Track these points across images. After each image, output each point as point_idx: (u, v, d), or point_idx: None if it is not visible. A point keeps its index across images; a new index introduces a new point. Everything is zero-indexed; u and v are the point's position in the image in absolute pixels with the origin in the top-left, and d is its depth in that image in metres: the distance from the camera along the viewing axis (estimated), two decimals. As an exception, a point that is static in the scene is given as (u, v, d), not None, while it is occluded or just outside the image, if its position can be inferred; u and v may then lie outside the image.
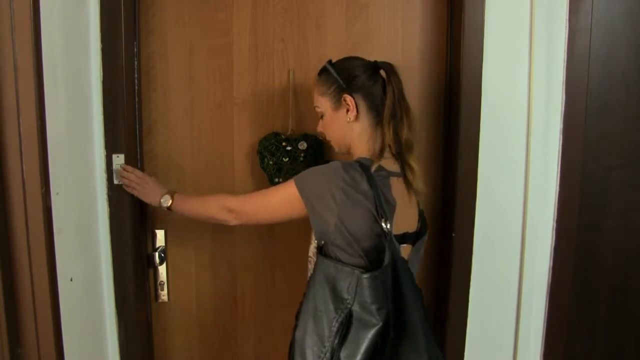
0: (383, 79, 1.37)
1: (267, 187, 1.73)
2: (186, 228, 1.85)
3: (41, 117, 1.36)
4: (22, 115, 1.33)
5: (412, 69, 1.77)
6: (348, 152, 1.43)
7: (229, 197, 1.43)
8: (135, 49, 1.75)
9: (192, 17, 1.77)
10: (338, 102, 1.36)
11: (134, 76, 1.75)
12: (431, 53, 1.77)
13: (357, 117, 1.35)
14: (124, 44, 1.67)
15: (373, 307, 1.18)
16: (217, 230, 1.82)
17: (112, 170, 1.70)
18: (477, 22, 1.63)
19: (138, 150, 1.78)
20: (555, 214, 1.70)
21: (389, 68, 1.35)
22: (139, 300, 1.83)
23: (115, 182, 1.70)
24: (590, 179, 1.69)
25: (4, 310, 1.35)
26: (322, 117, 1.41)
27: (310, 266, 1.39)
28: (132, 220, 1.76)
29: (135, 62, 1.75)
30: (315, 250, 1.35)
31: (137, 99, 1.76)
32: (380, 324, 1.17)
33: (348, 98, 1.34)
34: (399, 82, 1.34)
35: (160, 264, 1.85)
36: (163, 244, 1.85)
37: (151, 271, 1.87)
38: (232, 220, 1.39)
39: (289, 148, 1.67)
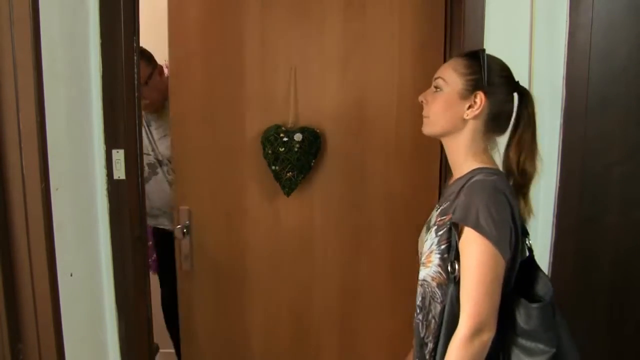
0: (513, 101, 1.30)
1: (268, 171, 1.84)
2: (207, 207, 1.95)
3: (41, 112, 1.36)
4: (21, 111, 1.33)
5: (412, 62, 1.81)
6: (441, 138, 1.33)
7: (458, 329, 1.15)
8: (135, 44, 1.75)
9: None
10: (469, 93, 1.24)
11: (133, 71, 1.74)
12: (430, 47, 1.79)
13: (474, 118, 1.25)
14: (123, 39, 1.67)
15: (545, 337, 1.15)
16: (233, 212, 1.95)
17: (111, 165, 1.70)
18: (477, 16, 1.62)
19: (138, 145, 1.78)
20: (555, 210, 1.70)
21: (528, 95, 1.27)
22: (139, 295, 1.83)
23: (115, 177, 1.71)
24: (590, 174, 1.68)
25: (4, 305, 1.35)
26: (436, 89, 1.28)
27: (422, 289, 1.28)
28: (131, 216, 1.76)
29: (135, 58, 1.75)
30: (436, 274, 1.24)
31: (136, 94, 1.76)
32: (554, 350, 1.14)
33: (482, 97, 1.23)
34: (534, 112, 1.26)
35: (184, 237, 1.96)
36: (187, 220, 1.94)
37: (177, 243, 1.99)
38: (488, 333, 1.13)
39: (285, 139, 1.78)
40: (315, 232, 1.93)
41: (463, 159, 1.28)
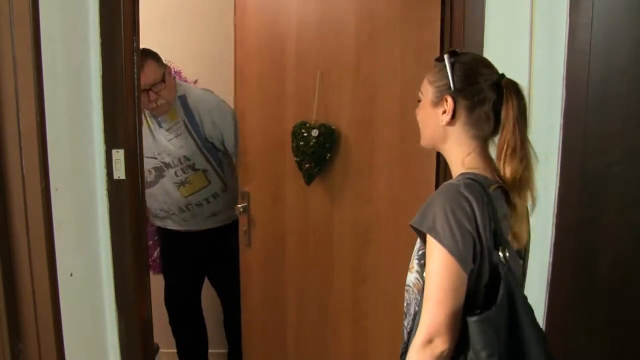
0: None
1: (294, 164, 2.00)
2: (259, 190, 2.16)
3: (40, 112, 1.37)
4: (21, 111, 1.34)
5: (413, 63, 1.84)
6: (435, 149, 1.31)
7: (415, 336, 1.11)
8: (135, 44, 1.75)
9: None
10: (439, 99, 1.20)
11: (133, 71, 1.74)
12: (430, 48, 1.80)
13: (450, 123, 1.19)
14: (123, 39, 1.67)
15: (483, 354, 1.04)
16: (276, 197, 2.15)
17: (111, 165, 1.70)
18: (477, 16, 1.63)
19: (138, 145, 1.78)
20: (555, 209, 1.69)
21: (513, 86, 1.15)
22: (139, 294, 1.83)
23: (115, 177, 1.71)
24: (590, 173, 1.68)
25: (4, 305, 1.35)
26: (419, 102, 1.27)
27: (407, 295, 1.25)
28: (132, 215, 1.76)
29: (135, 57, 1.75)
30: (416, 280, 1.22)
31: (136, 94, 1.76)
32: None
33: (449, 100, 1.17)
34: (521, 106, 1.15)
35: (242, 215, 2.16)
36: (246, 202, 2.16)
37: (240, 219, 2.19)
38: (441, 345, 1.07)
39: (305, 134, 2.00)
40: (333, 220, 2.10)
41: (454, 166, 1.23)
